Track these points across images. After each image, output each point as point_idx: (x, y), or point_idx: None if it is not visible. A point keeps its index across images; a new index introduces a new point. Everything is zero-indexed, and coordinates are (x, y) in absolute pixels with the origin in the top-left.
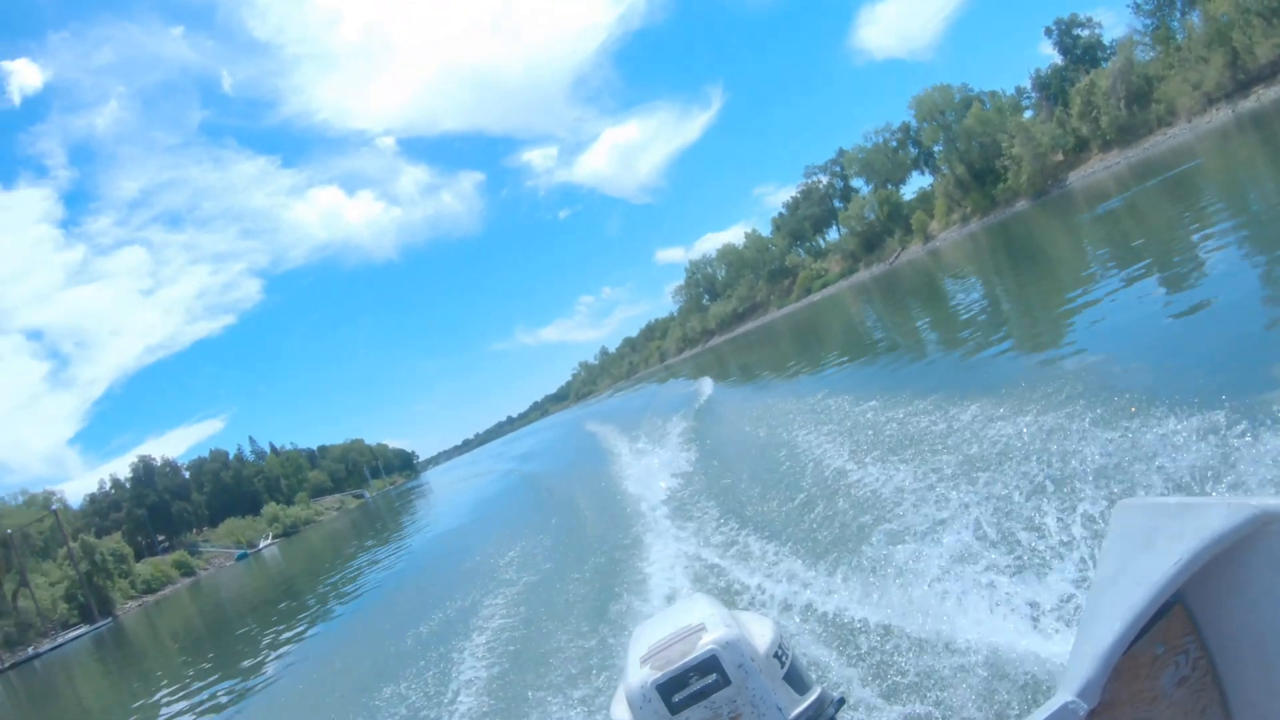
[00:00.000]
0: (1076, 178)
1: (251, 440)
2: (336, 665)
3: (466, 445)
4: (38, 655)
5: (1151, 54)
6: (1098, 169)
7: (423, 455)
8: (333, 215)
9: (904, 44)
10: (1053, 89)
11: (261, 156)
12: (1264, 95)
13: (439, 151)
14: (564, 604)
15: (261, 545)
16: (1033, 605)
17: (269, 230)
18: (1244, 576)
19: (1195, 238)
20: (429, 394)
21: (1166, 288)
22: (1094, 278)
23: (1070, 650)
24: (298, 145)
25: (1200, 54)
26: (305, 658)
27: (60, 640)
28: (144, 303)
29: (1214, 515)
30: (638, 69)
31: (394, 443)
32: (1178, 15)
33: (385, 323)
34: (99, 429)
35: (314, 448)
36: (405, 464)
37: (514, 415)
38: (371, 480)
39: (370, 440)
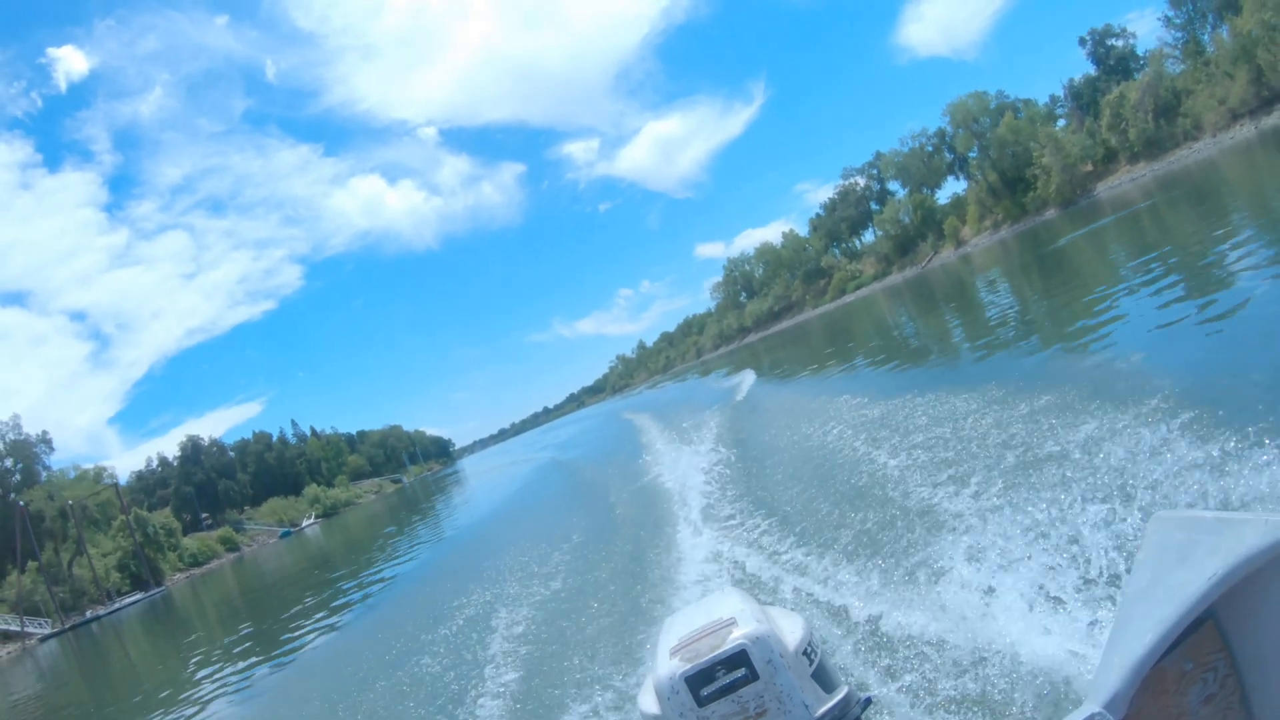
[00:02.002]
0: (1104, 189)
1: (294, 423)
2: (371, 644)
3: (503, 434)
4: (96, 618)
5: (1181, 67)
6: (1124, 181)
7: (459, 443)
8: (374, 204)
9: (948, 42)
10: (1085, 99)
11: (304, 145)
12: None
13: (480, 142)
14: (596, 593)
15: (305, 524)
16: (1065, 613)
17: (310, 218)
18: (1278, 596)
19: (1223, 248)
20: (466, 382)
21: (1201, 297)
22: (1122, 285)
23: (1099, 661)
24: (340, 134)
25: (1227, 69)
26: (341, 635)
27: (117, 605)
28: (185, 286)
29: (1250, 532)
30: (680, 62)
31: (431, 430)
32: (1209, 28)
33: (424, 311)
34: (138, 409)
35: (353, 432)
36: (442, 451)
37: (550, 406)
38: (409, 466)
39: (408, 427)
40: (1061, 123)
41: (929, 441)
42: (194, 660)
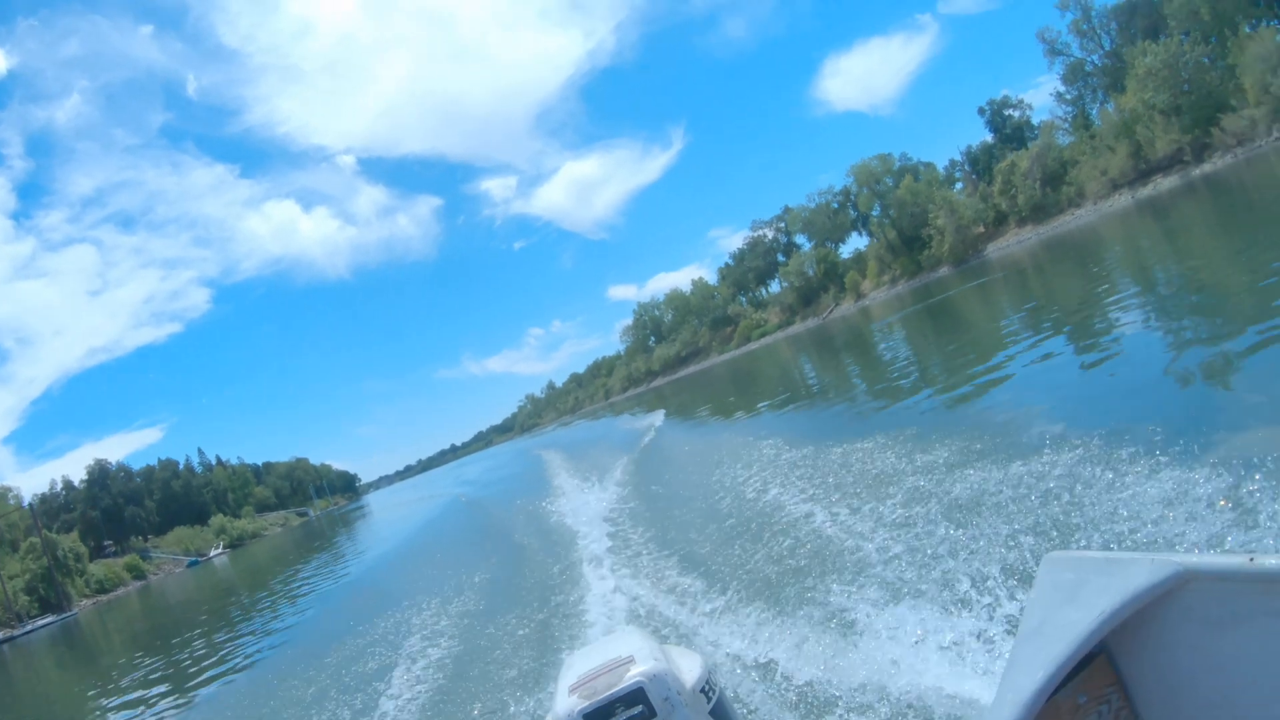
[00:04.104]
0: (994, 249)
1: (200, 452)
2: (277, 680)
3: (409, 471)
4: (11, 639)
5: (1070, 139)
6: (1012, 243)
7: (365, 479)
8: (287, 230)
9: (865, 98)
10: (981, 164)
11: (220, 164)
12: (1160, 184)
13: (398, 173)
14: (500, 631)
15: (212, 554)
16: (959, 651)
17: (221, 240)
18: (1166, 630)
19: (1099, 304)
20: (373, 416)
21: (1078, 346)
22: (1007, 335)
23: (994, 696)
24: (257, 156)
25: (1109, 143)
26: (249, 671)
27: (28, 628)
28: (90, 304)
29: (1138, 570)
30: (602, 105)
31: (337, 464)
32: (1097, 104)
33: (332, 342)
34: (35, 429)
35: (259, 463)
36: (348, 486)
37: (458, 444)
38: (316, 499)
39: (314, 460)
40: (959, 186)
41: (829, 484)
42: (110, 686)
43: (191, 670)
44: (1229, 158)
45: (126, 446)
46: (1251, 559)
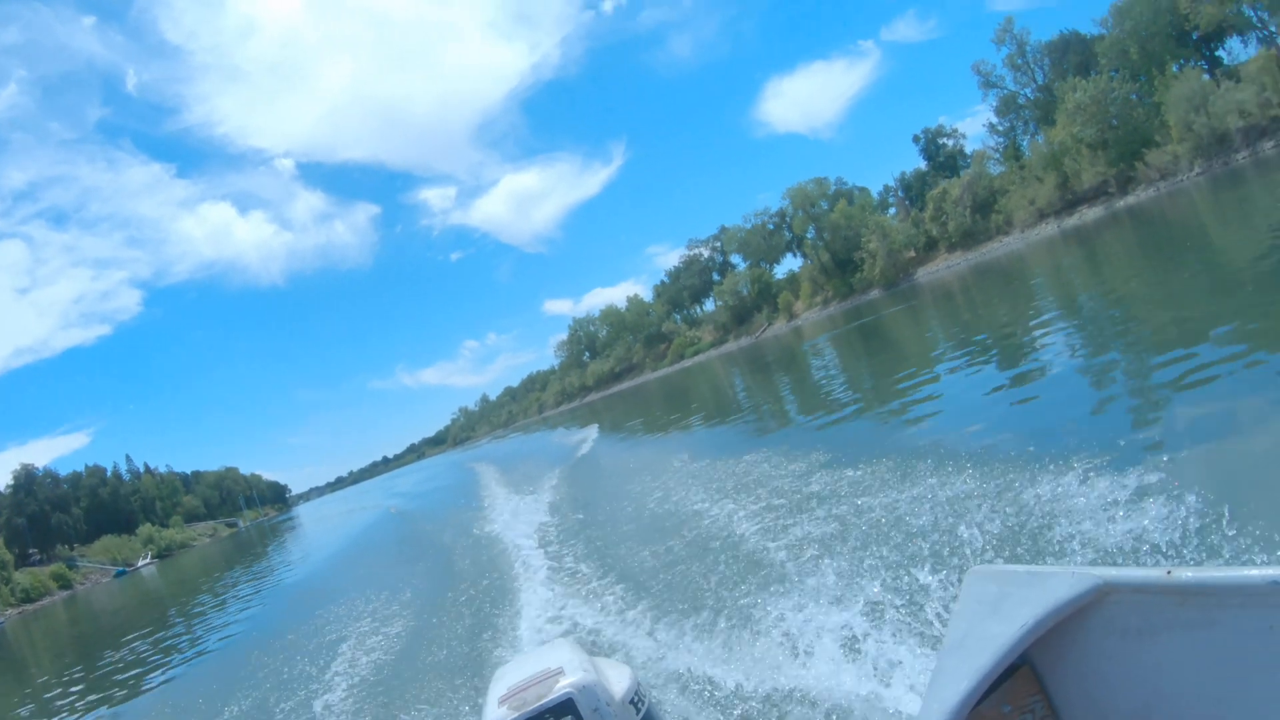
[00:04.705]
0: (924, 273)
1: (128, 459)
2: (206, 694)
3: (340, 482)
4: None
5: (1001, 169)
6: (942, 268)
7: (295, 489)
8: (222, 233)
9: (806, 120)
10: (914, 191)
11: (156, 163)
12: (1086, 214)
13: (337, 180)
14: (431, 644)
15: (140, 564)
16: (886, 663)
17: (155, 241)
18: (1087, 641)
19: (1024, 327)
20: (305, 426)
21: (1004, 367)
22: (933, 355)
23: (920, 708)
24: (194, 156)
25: (1038, 174)
26: (175, 684)
27: None
28: (18, 302)
29: (1059, 584)
30: (544, 118)
31: (267, 474)
32: (1027, 136)
33: (265, 349)
34: None
35: (188, 472)
36: (278, 497)
37: (390, 455)
38: (245, 510)
39: (244, 469)
40: (892, 211)
41: (759, 498)
42: (39, 698)
43: (120, 682)
44: (1152, 191)
45: (52, 452)
46: (1169, 572)
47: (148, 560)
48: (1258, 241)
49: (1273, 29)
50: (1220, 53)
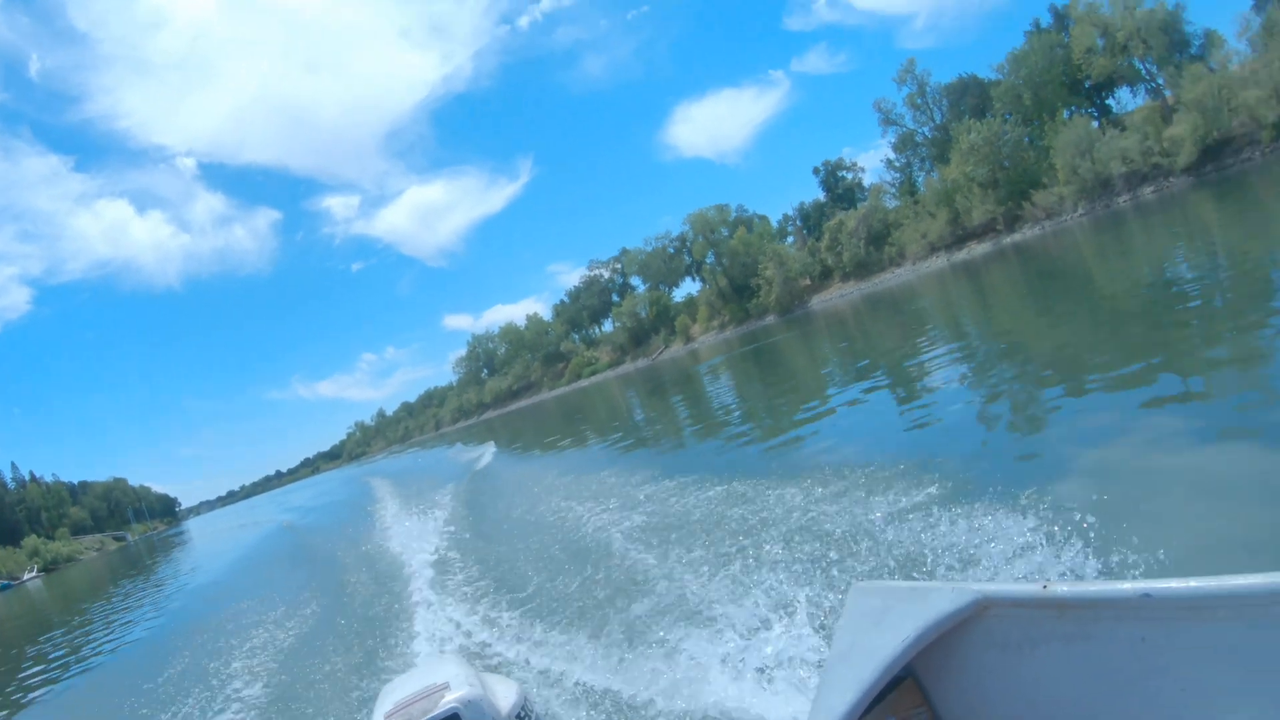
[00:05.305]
0: (818, 301)
1: (14, 466)
2: (83, 716)
3: (232, 496)
4: None
5: (896, 203)
6: (835, 296)
7: (185, 503)
8: (118, 231)
9: (713, 145)
10: (812, 220)
11: (54, 155)
12: (974, 250)
13: (239, 182)
14: (322, 662)
15: (25, 578)
16: (772, 675)
17: (49, 236)
18: (968, 654)
19: (911, 354)
20: (196, 438)
21: (892, 391)
22: (825, 382)
23: (806, 718)
24: (94, 150)
25: (931, 209)
26: (54, 700)
27: None
28: None
29: (940, 598)
30: (453, 131)
31: (156, 486)
32: (923, 173)
33: (157, 356)
34: None
35: (75, 482)
36: (168, 510)
37: (284, 470)
38: (134, 523)
39: (133, 481)
40: (790, 239)
41: (649, 516)
42: None
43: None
44: (1038, 229)
45: None
46: (1045, 586)
47: (33, 574)
48: (1134, 280)
49: (1160, 81)
50: (1110, 101)
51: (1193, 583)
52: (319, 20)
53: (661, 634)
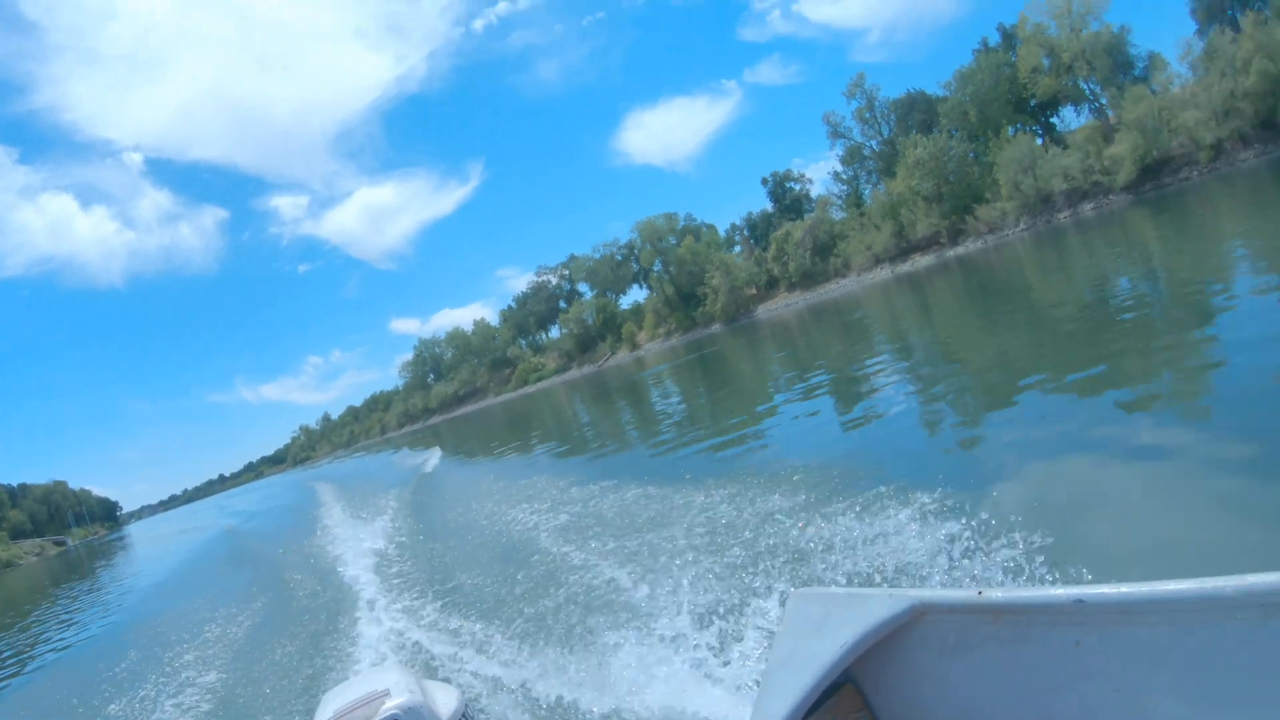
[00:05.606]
0: (764, 310)
1: None
2: None
3: (174, 501)
4: None
5: (842, 215)
6: (781, 306)
7: (127, 507)
8: (62, 226)
9: (664, 153)
10: (759, 230)
11: None
12: (918, 262)
13: (186, 179)
14: (264, 670)
15: None
16: (712, 681)
17: None
18: (906, 659)
19: (853, 363)
20: (139, 440)
21: (834, 399)
22: (769, 389)
23: None
24: (40, 141)
25: (876, 222)
26: None
27: None
28: None
29: (877, 604)
30: (405, 133)
31: (97, 490)
32: (869, 186)
33: (99, 355)
34: None
35: (14, 484)
36: (109, 514)
37: (227, 474)
38: (75, 528)
39: (73, 484)
40: (737, 249)
41: (592, 522)
42: None
43: None
44: (980, 243)
45: None
46: (980, 593)
47: None
48: (1073, 292)
49: (1104, 101)
50: (1055, 120)
51: (1124, 588)
52: (273, 16)
53: (602, 638)
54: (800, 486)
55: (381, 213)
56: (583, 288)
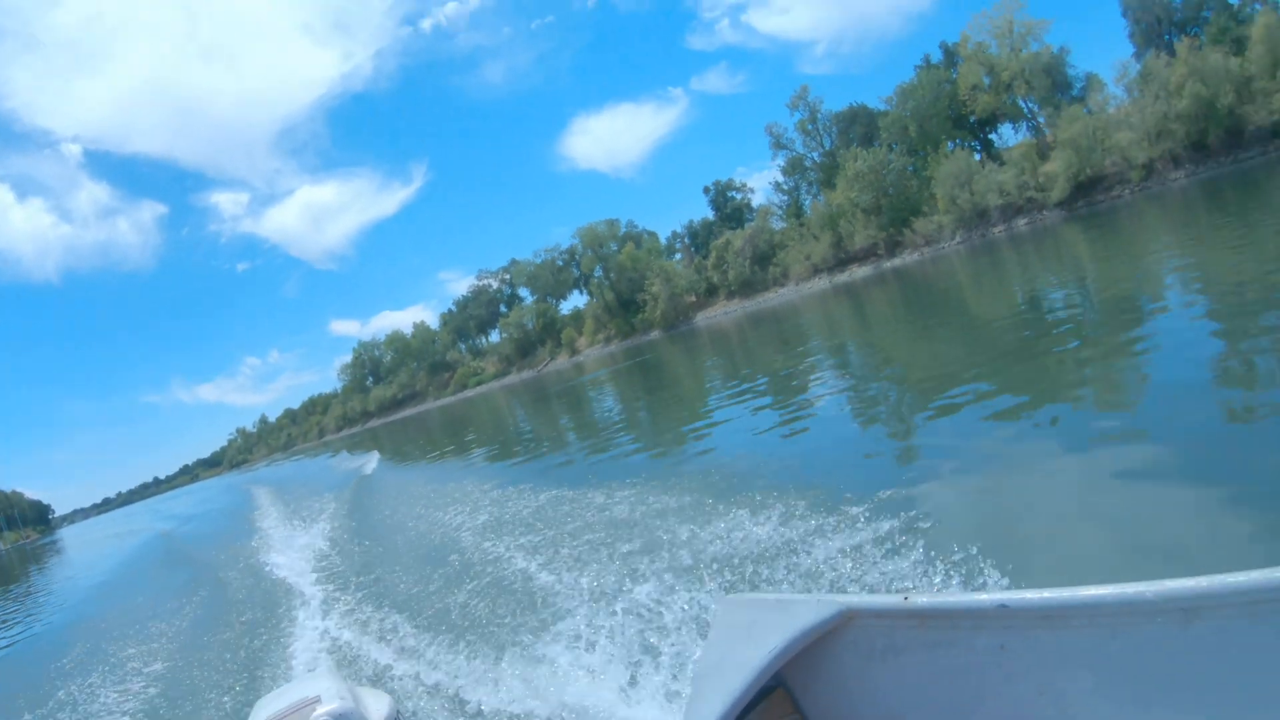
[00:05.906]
0: (703, 318)
1: None
2: None
3: (108, 504)
4: None
5: (782, 224)
6: (720, 314)
7: (59, 510)
8: None
9: (609, 159)
10: (700, 239)
11: None
12: (856, 272)
13: (125, 172)
14: (197, 678)
15: None
16: (644, 686)
17: None
18: (836, 663)
19: (790, 370)
20: (70, 441)
21: (770, 405)
22: (706, 395)
23: None
24: None
25: (815, 232)
26: None
27: None
28: None
29: (806, 610)
30: (348, 131)
31: (29, 492)
32: (810, 197)
33: (30, 353)
34: None
35: None
36: (40, 518)
37: (161, 477)
38: (5, 531)
39: (2, 486)
40: (678, 256)
41: (529, 528)
42: None
43: None
44: (916, 255)
45: None
46: (906, 598)
47: None
48: (1006, 303)
49: (1041, 120)
50: (993, 136)
51: (1047, 593)
52: (219, 8)
53: (533, 643)
54: (729, 492)
55: (323, 212)
56: (523, 292)
